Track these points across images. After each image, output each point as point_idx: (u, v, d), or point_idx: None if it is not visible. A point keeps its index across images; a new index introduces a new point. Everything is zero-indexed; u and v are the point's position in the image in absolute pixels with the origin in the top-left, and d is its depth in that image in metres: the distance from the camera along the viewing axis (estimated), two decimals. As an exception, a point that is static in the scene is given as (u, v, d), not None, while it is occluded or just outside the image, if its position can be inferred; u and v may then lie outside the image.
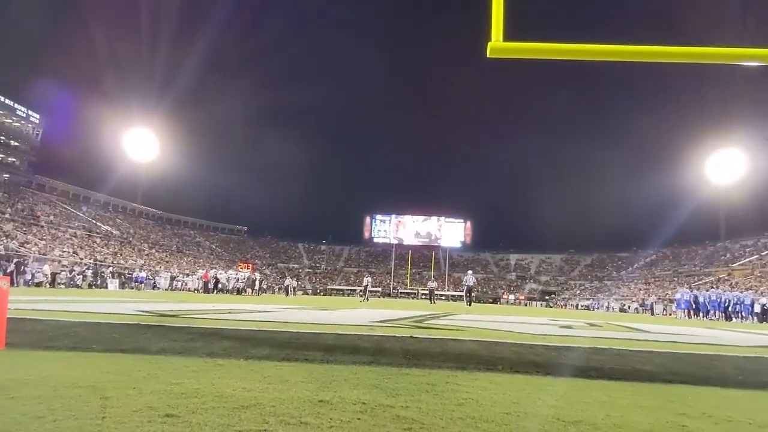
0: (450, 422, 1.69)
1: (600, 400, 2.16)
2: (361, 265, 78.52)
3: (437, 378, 2.49)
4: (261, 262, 74.48)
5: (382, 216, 76.74)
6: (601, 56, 2.08)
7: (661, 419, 1.85)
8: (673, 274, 57.86)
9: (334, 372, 2.53)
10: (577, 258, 79.86)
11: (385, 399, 1.98)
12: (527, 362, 3.19)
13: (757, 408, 2.17)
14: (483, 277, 75.70)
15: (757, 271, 46.76)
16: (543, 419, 1.78)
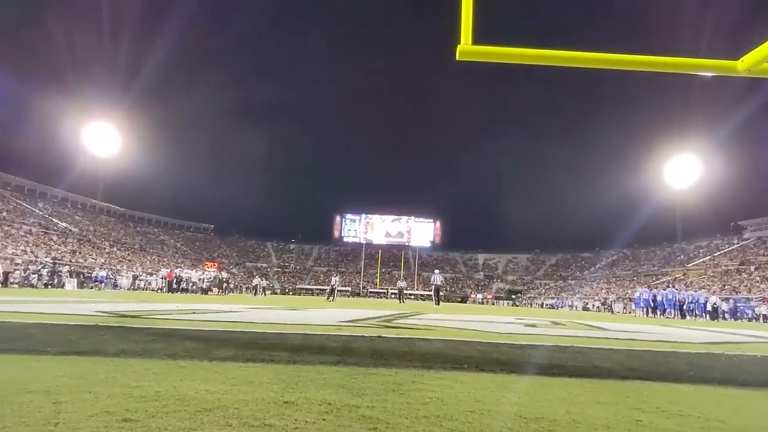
0: (415, 421, 1.70)
1: (561, 396, 2.22)
2: (331, 265, 78.16)
3: (404, 377, 2.50)
4: (228, 261, 73.15)
5: (353, 215, 76.63)
6: (566, 62, 2.14)
7: (617, 414, 1.92)
8: (633, 274, 60.09)
9: (300, 372, 2.51)
10: (542, 258, 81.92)
11: (351, 399, 1.97)
12: (492, 361, 3.24)
13: (706, 402, 2.28)
14: (452, 276, 76.65)
15: (709, 271, 49.12)
16: (506, 417, 1.81)
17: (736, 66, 2.04)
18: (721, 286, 41.84)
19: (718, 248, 55.26)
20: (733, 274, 44.57)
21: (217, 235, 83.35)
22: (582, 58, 1.91)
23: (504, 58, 1.96)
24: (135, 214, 71.12)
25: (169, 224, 76.92)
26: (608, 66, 2.00)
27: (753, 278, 41.05)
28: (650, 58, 2.03)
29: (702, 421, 1.90)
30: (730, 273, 45.46)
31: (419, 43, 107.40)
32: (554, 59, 1.96)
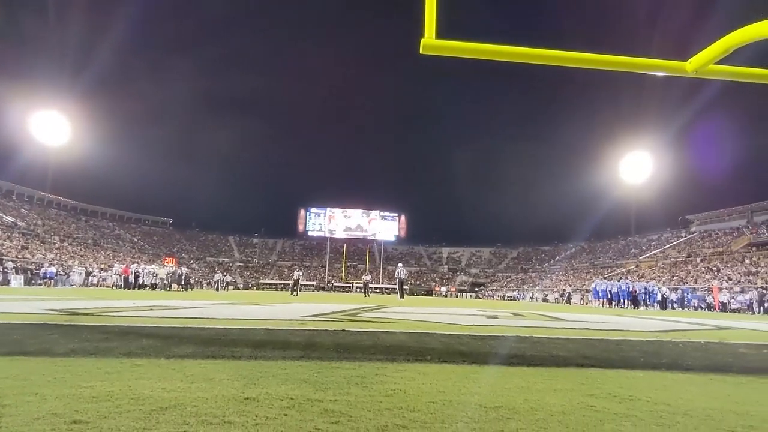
0: (378, 413, 1.71)
1: (519, 385, 2.28)
2: (296, 259, 77.36)
3: (367, 370, 2.51)
4: (188, 256, 71.13)
5: (317, 209, 75.96)
6: (526, 59, 2.18)
7: (572, 401, 1.99)
8: (590, 266, 62.39)
9: (262, 368, 2.48)
10: (504, 251, 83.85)
11: (314, 393, 1.96)
12: (455, 352, 3.30)
13: (654, 387, 2.40)
14: (416, 269, 77.38)
15: (660, 262, 51.60)
16: (466, 406, 1.85)
17: (685, 67, 2.14)
18: (670, 277, 44.03)
19: (668, 241, 58.13)
20: (681, 266, 46.99)
21: (177, 229, 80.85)
22: (541, 55, 1.95)
23: (467, 53, 1.98)
24: (88, 208, 67.91)
25: (125, 218, 73.94)
26: (565, 63, 2.05)
27: (699, 269, 43.42)
28: (605, 57, 2.09)
29: (650, 404, 2.00)
30: (679, 264, 47.90)
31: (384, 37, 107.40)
32: (515, 56, 1.99)
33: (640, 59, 2.23)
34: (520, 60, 1.97)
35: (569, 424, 1.67)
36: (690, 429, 1.67)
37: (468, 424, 1.63)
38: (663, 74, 2.79)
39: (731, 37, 2.03)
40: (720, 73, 2.34)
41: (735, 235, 49.11)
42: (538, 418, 1.72)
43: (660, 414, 1.85)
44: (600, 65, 2.08)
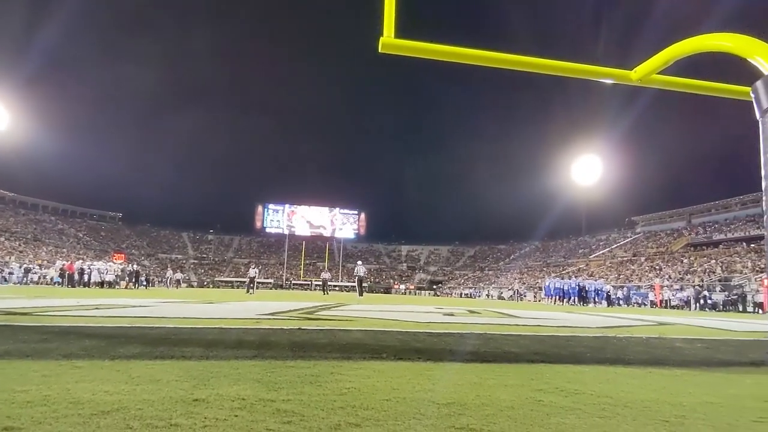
0: (330, 412, 1.70)
1: (472, 381, 2.33)
2: (253, 256, 75.81)
3: (322, 369, 2.49)
4: (139, 252, 68.35)
5: (275, 205, 74.70)
6: (482, 62, 2.22)
7: (521, 396, 2.06)
8: (543, 265, 64.56)
9: (213, 368, 2.41)
10: (462, 249, 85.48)
11: (267, 393, 1.93)
12: (411, 349, 3.33)
13: (598, 380, 2.51)
14: (376, 267, 77.63)
15: (607, 261, 54.08)
16: (419, 403, 1.87)
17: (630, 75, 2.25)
18: (617, 275, 46.25)
19: (615, 241, 61.04)
20: (627, 265, 49.45)
21: (126, 224, 77.45)
22: (496, 58, 2.00)
23: (425, 54, 1.99)
24: (28, 201, 63.88)
25: (69, 212, 70.09)
26: (520, 68, 2.11)
27: (643, 268, 45.84)
28: (558, 63, 2.17)
29: (594, 397, 2.09)
30: (625, 263, 50.38)
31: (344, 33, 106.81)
32: (472, 58, 2.03)
33: (590, 66, 2.32)
34: (476, 62, 2.00)
35: (517, 419, 1.72)
36: (629, 420, 1.76)
37: (420, 421, 1.65)
38: (611, 82, 2.92)
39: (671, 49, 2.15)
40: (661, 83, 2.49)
41: (675, 236, 52.18)
42: (487, 413, 1.76)
43: (602, 406, 1.94)
44: (553, 71, 2.15)
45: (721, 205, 51.62)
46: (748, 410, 1.98)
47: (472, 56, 1.94)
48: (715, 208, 52.34)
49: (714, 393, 2.32)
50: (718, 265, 37.25)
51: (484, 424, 1.62)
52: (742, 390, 2.45)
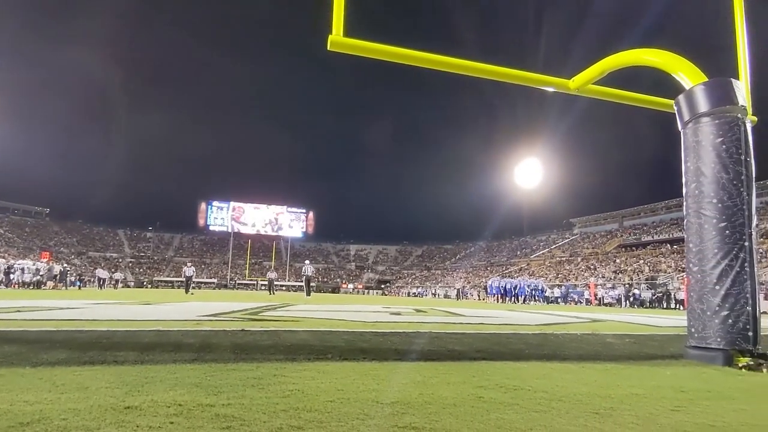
0: (273, 415, 1.66)
1: (416, 380, 2.36)
2: (195, 255, 73.01)
3: (265, 371, 2.44)
4: (68, 250, 63.99)
5: (220, 202, 72.09)
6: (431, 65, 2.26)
7: (463, 393, 2.11)
8: (487, 264, 66.61)
9: (149, 373, 2.29)
10: (410, 249, 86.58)
11: (206, 398, 1.86)
12: (356, 349, 3.32)
13: (535, 376, 2.62)
14: (324, 267, 77.05)
15: (547, 261, 56.58)
16: (363, 403, 1.87)
17: (569, 84, 2.36)
18: (555, 274, 48.48)
19: (554, 242, 64.03)
20: (565, 264, 51.96)
21: (55, 220, 72.26)
22: (444, 62, 2.03)
23: (373, 54, 1.99)
24: (-60, 193, 58.16)
25: (-11, 206, 64.50)
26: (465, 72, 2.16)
27: (579, 268, 48.34)
28: (502, 69, 2.24)
29: (532, 392, 2.18)
30: (563, 263, 52.92)
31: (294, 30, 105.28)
32: (419, 60, 2.05)
33: (532, 74, 2.42)
34: (423, 65, 2.03)
35: (459, 415, 1.76)
36: (563, 413, 1.84)
37: (364, 421, 1.65)
38: (551, 90, 3.06)
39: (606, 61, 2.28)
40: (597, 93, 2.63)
41: (609, 237, 55.46)
42: (431, 411, 1.79)
43: (539, 401, 2.02)
44: (497, 77, 2.22)
45: (649, 209, 55.51)
46: (667, 400, 2.14)
47: (420, 59, 1.96)
48: (644, 211, 56.20)
49: (639, 385, 2.48)
50: (645, 265, 39.94)
51: (427, 422, 1.65)
52: (663, 381, 2.64)
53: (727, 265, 3.29)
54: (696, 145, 3.54)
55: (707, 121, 3.49)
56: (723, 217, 3.35)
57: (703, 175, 3.47)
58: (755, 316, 3.27)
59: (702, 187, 3.47)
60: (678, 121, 3.73)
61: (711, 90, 3.50)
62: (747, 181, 3.37)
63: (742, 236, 3.31)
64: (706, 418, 1.84)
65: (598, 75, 2.54)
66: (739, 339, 3.24)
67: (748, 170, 3.40)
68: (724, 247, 3.32)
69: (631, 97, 3.58)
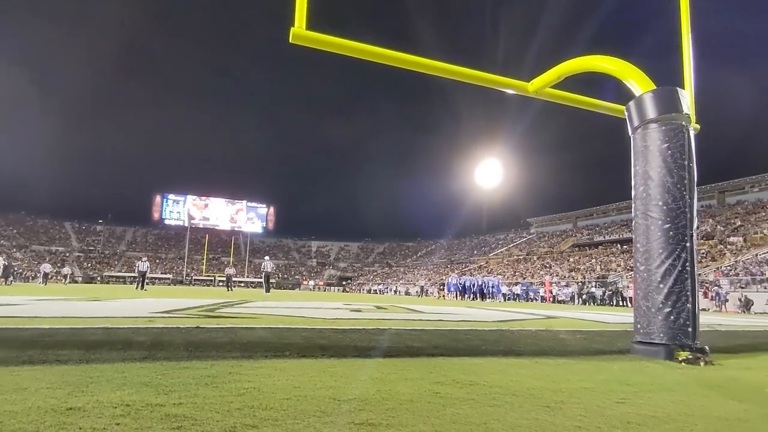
0: (226, 414, 1.62)
1: (374, 376, 2.36)
2: (149, 249, 70.42)
3: (220, 369, 2.38)
4: (9, 243, 60.25)
5: (176, 196, 69.66)
6: (394, 62, 2.26)
7: (420, 389, 2.13)
8: (447, 262, 67.62)
9: (94, 373, 2.19)
10: (372, 246, 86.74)
11: (156, 398, 1.79)
12: (315, 346, 3.30)
13: (491, 371, 2.68)
14: (284, 263, 76.07)
15: (505, 259, 58.03)
16: (320, 400, 1.85)
17: (527, 87, 2.41)
18: (513, 272, 49.80)
19: (512, 241, 65.77)
20: (522, 263, 53.45)
21: (-5, 212, 67.88)
22: (407, 60, 2.03)
23: (336, 49, 1.97)
24: None
25: None
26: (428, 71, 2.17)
27: (536, 266, 49.86)
28: (464, 70, 2.26)
29: (487, 387, 2.22)
30: (520, 261, 54.43)
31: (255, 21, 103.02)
32: (382, 57, 2.04)
33: (493, 76, 2.46)
34: (387, 62, 2.02)
35: (416, 411, 1.77)
36: (516, 407, 1.89)
37: (321, 419, 1.63)
38: (511, 92, 3.13)
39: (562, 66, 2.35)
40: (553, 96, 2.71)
41: (563, 236, 57.47)
42: (388, 408, 1.80)
43: (494, 396, 2.06)
44: (459, 77, 2.24)
45: (601, 210, 57.90)
46: (614, 393, 2.24)
47: (383, 55, 1.96)
48: (596, 212, 58.58)
49: (588, 379, 2.59)
50: (597, 264, 41.65)
51: (384, 418, 1.65)
52: (611, 375, 2.76)
53: (670, 264, 3.48)
54: (644, 149, 3.72)
55: (655, 127, 3.67)
56: (667, 219, 3.53)
57: (650, 179, 3.65)
58: (694, 313, 3.47)
59: (649, 190, 3.65)
60: (628, 126, 3.90)
61: (658, 98, 3.68)
62: (689, 185, 3.57)
63: (684, 237, 3.50)
64: (648, 410, 1.94)
65: (555, 79, 2.62)
66: (679, 334, 3.42)
67: (690, 175, 3.60)
68: (668, 247, 3.50)
69: (586, 101, 3.72)
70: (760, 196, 43.04)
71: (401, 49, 2.28)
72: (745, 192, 45.26)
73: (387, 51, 2.00)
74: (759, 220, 37.56)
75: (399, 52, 2.16)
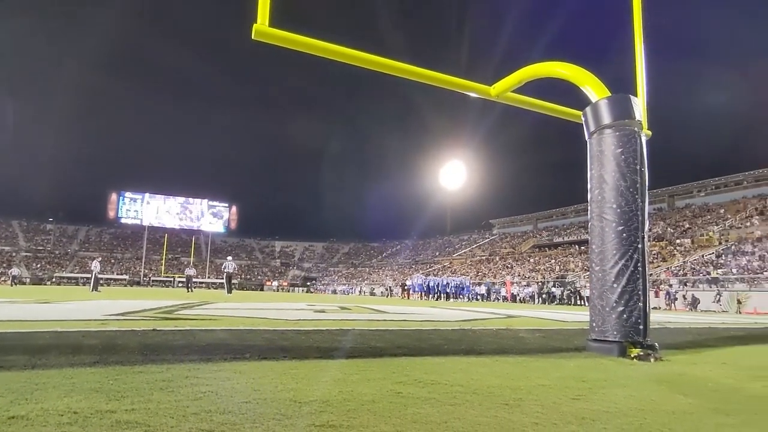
0: (182, 419, 1.57)
1: (336, 377, 2.35)
2: (104, 249, 67.65)
3: (177, 373, 2.30)
4: (-51, 242, 56.54)
5: (134, 194, 67.00)
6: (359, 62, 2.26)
7: (382, 389, 2.13)
8: (412, 262, 68.11)
9: (40, 379, 2.08)
10: (337, 246, 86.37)
11: (106, 404, 1.72)
12: (277, 348, 3.25)
13: (453, 370, 2.71)
14: (247, 263, 74.70)
15: (468, 260, 58.99)
16: (281, 403, 1.83)
17: (490, 91, 2.46)
18: (476, 272, 50.68)
19: (475, 241, 66.93)
20: (485, 263, 54.48)
21: (-68, 209, 63.51)
22: (370, 60, 2.03)
23: (299, 47, 1.95)
24: None
25: None
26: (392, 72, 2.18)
27: (498, 266, 50.92)
28: (427, 72, 2.28)
29: (448, 386, 2.25)
30: (483, 262, 55.45)
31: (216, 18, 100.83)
32: (348, 57, 2.03)
33: (456, 79, 2.50)
34: (349, 62, 2.01)
35: (377, 412, 1.77)
36: (475, 405, 1.92)
37: (280, 422, 1.61)
38: (475, 95, 3.18)
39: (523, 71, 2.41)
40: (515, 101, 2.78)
41: (524, 237, 58.96)
42: (349, 409, 1.79)
43: (454, 395, 2.09)
44: (423, 79, 2.26)
45: (560, 212, 59.75)
46: (570, 389, 2.31)
47: (346, 55, 1.95)
48: (556, 214, 60.41)
49: (545, 376, 2.66)
50: (557, 264, 42.94)
51: (344, 420, 1.64)
52: (567, 372, 2.85)
53: (623, 265, 3.62)
54: (600, 154, 3.86)
55: (609, 133, 3.82)
56: (621, 222, 3.68)
57: (605, 183, 3.79)
58: (645, 311, 3.63)
59: (604, 194, 3.79)
60: (585, 131, 4.05)
61: (613, 104, 3.84)
62: (641, 189, 3.74)
63: (636, 239, 3.66)
64: (602, 405, 2.01)
65: (517, 83, 2.69)
66: (631, 332, 3.57)
67: (642, 179, 3.76)
68: (621, 248, 3.65)
69: (546, 106, 3.83)
70: (706, 200, 45.52)
71: (365, 49, 2.28)
72: (693, 196, 47.76)
73: (351, 51, 2.00)
74: (705, 222, 39.72)
75: (363, 52, 2.16)
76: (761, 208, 37.60)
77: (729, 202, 42.28)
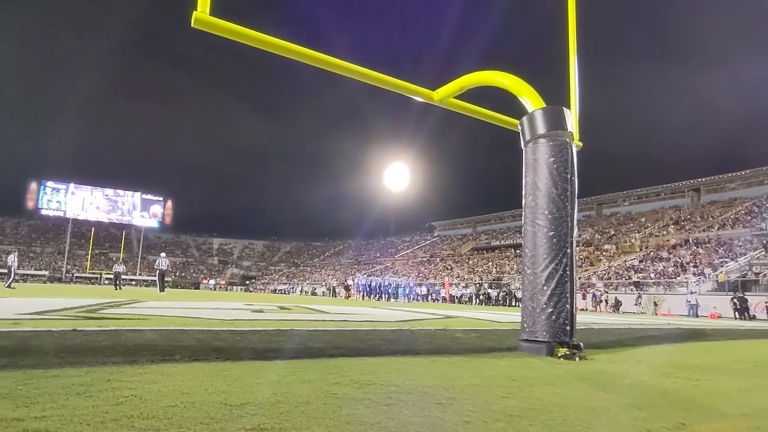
0: (99, 426, 1.47)
1: (270, 379, 2.30)
2: (21, 242, 62.28)
3: (97, 376, 2.16)
4: None
5: (57, 183, 62.15)
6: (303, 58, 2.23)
7: (317, 390, 2.11)
8: (355, 262, 68.11)
9: (-65, 385, 1.88)
10: (278, 245, 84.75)
11: (13, 411, 1.58)
12: (210, 349, 3.13)
13: (389, 371, 2.73)
14: (183, 261, 71.59)
15: (410, 261, 59.86)
16: (210, 406, 1.76)
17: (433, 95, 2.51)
18: (417, 273, 51.53)
19: (417, 243, 68.07)
20: (426, 264, 55.52)
21: None
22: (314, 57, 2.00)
23: (240, 38, 1.89)
24: None
25: None
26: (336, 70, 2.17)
27: (438, 268, 52.07)
28: (372, 73, 2.29)
29: (384, 387, 2.27)
30: (424, 263, 56.48)
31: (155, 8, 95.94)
32: (291, 52, 2.00)
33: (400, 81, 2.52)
34: (292, 56, 1.98)
35: (311, 413, 1.75)
36: (410, 405, 1.95)
37: (209, 425, 1.55)
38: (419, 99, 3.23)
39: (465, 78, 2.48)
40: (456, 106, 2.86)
41: (464, 240, 60.70)
42: (282, 411, 1.76)
43: (390, 395, 2.11)
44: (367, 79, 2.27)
45: (498, 216, 62.15)
46: (501, 388, 2.40)
47: (289, 49, 1.91)
48: (494, 219, 62.78)
49: (478, 375, 2.75)
50: (493, 267, 44.55)
51: (277, 422, 1.61)
52: (498, 371, 2.96)
53: (553, 268, 3.82)
54: (534, 162, 4.05)
55: (543, 142, 4.02)
56: (552, 227, 3.88)
57: (538, 190, 3.98)
58: (572, 313, 3.85)
59: (537, 200, 3.98)
60: (521, 139, 4.23)
61: (547, 115, 4.04)
62: (571, 197, 3.96)
63: (565, 244, 3.87)
64: (529, 402, 2.11)
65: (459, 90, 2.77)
66: (559, 332, 3.77)
67: (572, 187, 3.99)
68: (552, 253, 3.85)
69: (486, 113, 3.98)
70: (630, 209, 49.07)
71: (311, 46, 2.25)
72: (618, 205, 51.32)
73: (294, 46, 1.96)
74: (629, 230, 42.75)
75: (307, 48, 2.13)
76: (676, 218, 41.08)
77: (649, 212, 45.88)
